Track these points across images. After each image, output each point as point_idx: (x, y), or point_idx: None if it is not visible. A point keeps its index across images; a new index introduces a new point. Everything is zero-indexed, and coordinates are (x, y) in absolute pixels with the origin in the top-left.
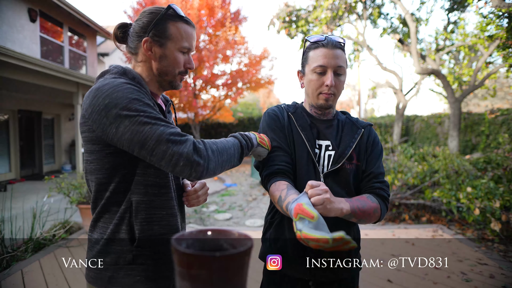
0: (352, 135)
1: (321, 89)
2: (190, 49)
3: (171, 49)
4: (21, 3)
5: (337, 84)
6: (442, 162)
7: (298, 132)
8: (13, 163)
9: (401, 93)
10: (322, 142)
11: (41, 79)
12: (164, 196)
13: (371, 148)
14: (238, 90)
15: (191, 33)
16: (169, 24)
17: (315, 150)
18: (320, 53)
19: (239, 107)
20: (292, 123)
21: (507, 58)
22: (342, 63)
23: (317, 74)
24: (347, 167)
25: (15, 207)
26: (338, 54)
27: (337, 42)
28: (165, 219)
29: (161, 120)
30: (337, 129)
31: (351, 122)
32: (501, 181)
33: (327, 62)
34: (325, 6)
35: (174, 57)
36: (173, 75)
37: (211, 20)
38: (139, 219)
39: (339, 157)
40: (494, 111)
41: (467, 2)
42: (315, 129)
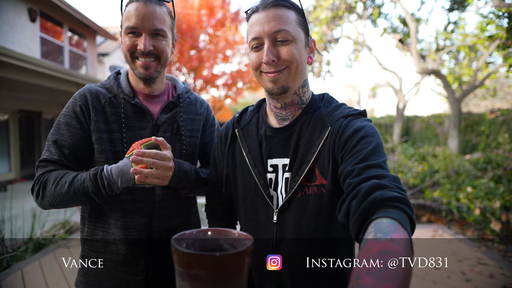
0: (312, 141)
1: (261, 67)
2: (136, 27)
3: (122, 33)
4: (21, 3)
5: (283, 54)
6: (442, 162)
7: (243, 157)
8: (13, 163)
9: (401, 93)
10: (278, 160)
11: (41, 79)
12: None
13: (346, 138)
14: (238, 90)
15: (134, 11)
16: (125, 11)
17: (266, 176)
18: (252, 21)
19: (239, 107)
20: (236, 145)
21: (507, 58)
22: (284, 25)
23: (254, 50)
24: (309, 192)
25: (15, 207)
26: (277, 14)
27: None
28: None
29: (50, 140)
30: (299, 135)
31: (321, 116)
32: (501, 181)
33: (259, 31)
34: (325, 6)
35: (124, 42)
36: (129, 60)
37: (211, 20)
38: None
39: (293, 179)
40: (494, 111)
41: (467, 2)
42: (268, 143)
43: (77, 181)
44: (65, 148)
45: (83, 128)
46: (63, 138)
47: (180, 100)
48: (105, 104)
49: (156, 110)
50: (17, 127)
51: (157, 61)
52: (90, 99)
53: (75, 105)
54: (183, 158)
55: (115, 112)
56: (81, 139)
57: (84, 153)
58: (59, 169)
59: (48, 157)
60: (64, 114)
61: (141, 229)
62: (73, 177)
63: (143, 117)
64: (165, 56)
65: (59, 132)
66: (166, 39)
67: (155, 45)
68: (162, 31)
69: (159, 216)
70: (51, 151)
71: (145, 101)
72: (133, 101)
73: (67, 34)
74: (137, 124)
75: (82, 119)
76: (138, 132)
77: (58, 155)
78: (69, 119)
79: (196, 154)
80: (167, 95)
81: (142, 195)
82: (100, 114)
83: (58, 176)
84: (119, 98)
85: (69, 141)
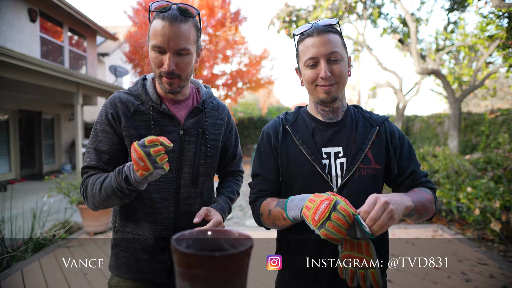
0: (365, 134)
1: (316, 81)
2: (161, 47)
3: (148, 49)
4: (21, 3)
5: (335, 71)
6: (442, 162)
7: (297, 147)
8: (13, 163)
9: (401, 93)
10: (330, 149)
11: (41, 79)
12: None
13: (398, 144)
14: (238, 90)
15: (160, 30)
16: (152, 23)
17: (322, 162)
18: (308, 44)
19: (239, 107)
20: (288, 138)
21: (507, 58)
22: (335, 47)
23: (310, 67)
24: (364, 173)
25: (15, 207)
26: (328, 39)
27: (325, 26)
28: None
29: (90, 148)
30: (350, 130)
31: (364, 119)
32: (501, 181)
33: (317, 52)
34: (325, 6)
35: (150, 56)
36: (157, 75)
37: (211, 20)
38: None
39: (351, 163)
40: (494, 111)
41: (467, 2)
42: (321, 135)
43: (107, 179)
44: (103, 153)
45: (117, 134)
46: (101, 144)
47: (204, 106)
48: (134, 111)
49: (182, 115)
50: (17, 127)
51: (179, 78)
52: (120, 107)
53: (107, 113)
54: (207, 159)
55: (144, 118)
56: (117, 144)
57: (121, 156)
58: (97, 173)
59: (89, 164)
60: (99, 122)
61: (168, 223)
62: (106, 176)
63: (170, 122)
64: (186, 73)
65: (97, 139)
66: (190, 56)
67: (179, 63)
68: (186, 50)
69: (183, 212)
70: (91, 157)
71: (171, 106)
72: (160, 108)
73: (67, 34)
74: (165, 129)
75: (115, 126)
76: (167, 136)
77: (97, 160)
78: (104, 126)
79: (218, 156)
80: (192, 100)
81: (169, 193)
82: (130, 121)
83: (96, 178)
84: (147, 105)
85: (107, 147)
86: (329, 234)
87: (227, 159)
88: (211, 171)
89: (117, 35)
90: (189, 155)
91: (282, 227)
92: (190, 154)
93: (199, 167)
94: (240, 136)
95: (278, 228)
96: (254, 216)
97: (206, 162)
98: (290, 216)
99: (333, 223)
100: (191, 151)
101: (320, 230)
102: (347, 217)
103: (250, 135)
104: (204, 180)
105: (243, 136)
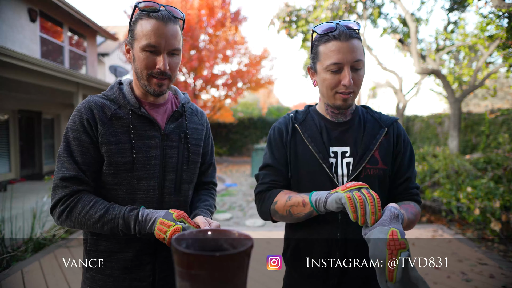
0: (373, 135)
1: (337, 88)
2: (155, 47)
3: (136, 49)
4: (21, 3)
5: (356, 80)
6: (442, 162)
7: (306, 145)
8: (13, 163)
9: (401, 93)
10: (338, 148)
11: (41, 79)
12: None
13: (402, 148)
14: (238, 90)
15: (155, 29)
16: (137, 23)
17: (329, 160)
18: (333, 48)
19: (239, 107)
20: (297, 136)
21: (507, 58)
22: (360, 55)
23: (332, 72)
24: (370, 173)
25: (15, 207)
26: (354, 45)
27: (351, 31)
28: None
29: (63, 157)
30: (358, 130)
31: (374, 119)
32: (501, 181)
33: (342, 59)
34: (325, 6)
35: (139, 57)
36: (144, 77)
37: (211, 20)
38: None
39: (358, 162)
40: (494, 111)
41: (467, 2)
42: (329, 135)
43: (109, 215)
44: (79, 163)
45: (93, 142)
46: (75, 154)
47: (184, 109)
48: (111, 116)
49: (163, 119)
50: (17, 127)
51: (169, 79)
52: (96, 112)
53: (82, 119)
54: (189, 165)
55: (123, 124)
56: (93, 153)
57: (97, 166)
58: (80, 189)
59: (67, 174)
60: (72, 128)
61: (150, 236)
62: (105, 210)
63: (150, 127)
64: (175, 74)
65: (69, 148)
66: (179, 57)
67: (171, 63)
68: (178, 50)
69: None
70: (67, 167)
71: (151, 110)
72: (140, 112)
73: (67, 34)
74: (145, 134)
75: (91, 133)
76: (147, 141)
77: (76, 170)
78: (77, 134)
79: (199, 162)
80: (171, 104)
81: (152, 203)
82: (107, 127)
83: (86, 205)
84: (125, 109)
85: (81, 156)
86: (352, 199)
87: (203, 167)
88: (193, 178)
89: (117, 35)
90: (171, 161)
91: (296, 216)
92: (173, 160)
93: (182, 174)
94: (240, 136)
95: (289, 219)
96: (263, 205)
97: (189, 168)
98: (313, 199)
99: (361, 194)
100: (174, 156)
101: (345, 193)
102: (375, 201)
103: (250, 135)
104: (188, 188)
105: (243, 136)
